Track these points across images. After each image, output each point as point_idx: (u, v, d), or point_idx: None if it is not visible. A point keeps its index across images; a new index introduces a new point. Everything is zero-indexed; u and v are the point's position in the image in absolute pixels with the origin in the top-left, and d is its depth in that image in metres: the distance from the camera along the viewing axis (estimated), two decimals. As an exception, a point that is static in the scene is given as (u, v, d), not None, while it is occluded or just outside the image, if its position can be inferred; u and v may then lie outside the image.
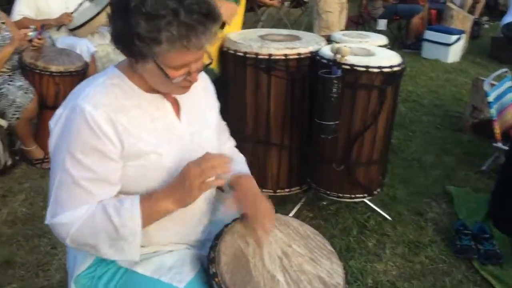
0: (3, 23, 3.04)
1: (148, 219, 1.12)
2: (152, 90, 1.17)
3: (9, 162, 2.96)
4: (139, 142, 1.14)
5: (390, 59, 2.20)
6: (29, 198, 2.72)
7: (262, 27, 5.67)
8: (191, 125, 1.26)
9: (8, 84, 2.86)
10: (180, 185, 1.11)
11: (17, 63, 3.01)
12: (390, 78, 2.16)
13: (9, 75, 2.96)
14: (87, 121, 1.07)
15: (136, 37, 1.01)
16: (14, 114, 2.86)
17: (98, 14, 3.63)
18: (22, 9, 3.44)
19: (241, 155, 1.48)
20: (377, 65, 2.12)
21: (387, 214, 2.59)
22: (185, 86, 1.15)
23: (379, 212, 2.59)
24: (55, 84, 2.94)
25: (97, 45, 3.63)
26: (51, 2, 3.55)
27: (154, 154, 1.16)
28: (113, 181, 1.14)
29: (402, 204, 2.73)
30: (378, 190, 2.47)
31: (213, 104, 1.39)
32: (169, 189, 1.13)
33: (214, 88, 1.41)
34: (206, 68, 1.18)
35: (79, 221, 1.10)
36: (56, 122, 1.13)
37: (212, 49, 2.38)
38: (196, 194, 1.11)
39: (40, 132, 3.10)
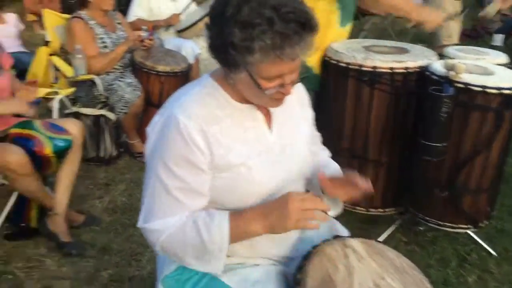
0: (119, 23, 3.27)
1: (236, 237, 1.11)
2: (245, 100, 1.15)
3: (114, 153, 3.17)
4: (229, 153, 1.13)
5: (511, 79, 1.98)
6: (129, 189, 2.88)
7: (365, 37, 5.49)
8: (283, 137, 1.23)
9: (119, 80, 3.06)
10: (275, 213, 1.08)
11: (128, 61, 3.21)
12: (511, 100, 1.94)
13: (120, 72, 3.17)
14: (180, 132, 1.09)
15: (230, 46, 1.00)
16: (122, 109, 3.05)
17: (204, 17, 3.76)
18: (136, 11, 3.68)
19: (337, 165, 1.42)
20: (495, 85, 1.91)
21: (492, 248, 2.34)
22: (278, 98, 1.12)
23: (483, 246, 2.35)
24: (160, 83, 3.09)
25: (201, 47, 3.77)
26: (162, 4, 3.76)
27: (244, 167, 1.14)
28: (203, 191, 1.14)
29: (510, 239, 2.45)
30: (485, 222, 2.24)
31: (307, 116, 1.35)
32: (262, 213, 1.11)
33: (311, 96, 1.37)
34: (306, 76, 1.14)
35: (169, 231, 1.12)
36: (153, 128, 1.16)
37: (314, 57, 2.35)
38: (289, 228, 1.08)
39: (143, 127, 3.23)
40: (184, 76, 3.23)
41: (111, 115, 3.05)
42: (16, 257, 2.24)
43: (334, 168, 1.39)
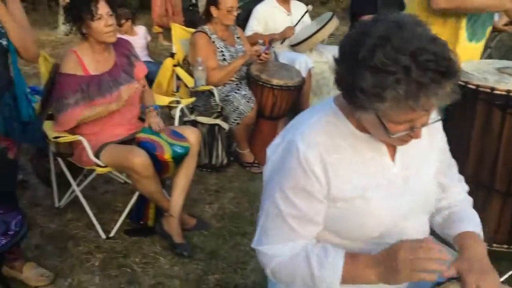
0: (238, 37, 3.41)
1: (348, 280, 1.07)
2: (368, 130, 1.10)
3: (225, 161, 3.28)
4: (347, 185, 1.10)
5: None
6: (237, 197, 2.97)
7: (490, 55, 5.08)
8: (407, 168, 1.16)
9: (235, 92, 3.18)
10: (387, 262, 1.02)
11: (244, 74, 3.32)
12: None
13: (236, 84, 3.30)
14: (300, 162, 1.08)
15: (359, 89, 0.95)
16: (235, 120, 3.17)
17: (317, 31, 3.77)
18: (254, 25, 3.80)
19: (474, 211, 1.29)
20: None
21: None
22: (406, 140, 1.05)
23: None
24: (273, 96, 3.14)
25: (314, 61, 3.78)
26: (278, 19, 3.84)
27: (361, 199, 1.10)
28: (318, 221, 1.13)
29: None
30: None
31: (437, 142, 1.25)
32: (375, 259, 1.05)
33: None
34: None
35: (280, 258, 1.13)
36: (273, 151, 1.16)
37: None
38: (402, 280, 1.01)
39: (253, 139, 3.36)
40: (297, 90, 3.26)
41: (225, 125, 3.17)
42: (134, 252, 2.42)
43: (470, 217, 1.25)
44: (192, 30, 3.40)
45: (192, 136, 2.53)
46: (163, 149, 2.37)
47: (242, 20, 3.78)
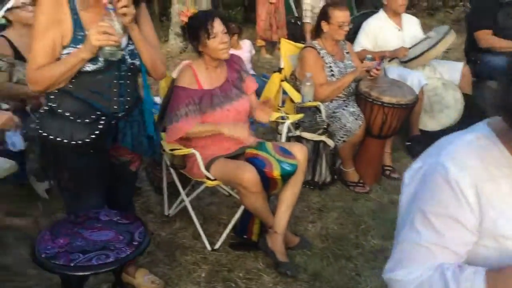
0: (347, 53, 3.32)
1: None
2: None
3: (328, 179, 3.20)
4: (500, 219, 0.98)
5: None
6: (341, 218, 2.87)
7: None
8: None
9: (343, 109, 3.09)
10: None
11: (352, 90, 3.23)
12: None
13: (343, 100, 3.21)
14: (448, 181, 0.99)
15: None
16: (342, 137, 3.08)
17: (432, 47, 3.56)
18: (363, 41, 3.69)
19: None
20: None
21: None
22: None
23: None
24: (383, 114, 3.01)
25: (426, 77, 3.57)
26: (389, 36, 3.68)
27: None
28: (460, 252, 1.02)
29: None
30: None
31: None
32: None
33: None
34: None
35: (414, 283, 1.03)
36: (412, 176, 1.09)
37: None
38: None
39: (359, 157, 3.24)
40: (410, 108, 3.09)
41: (330, 142, 3.10)
42: (238, 267, 2.43)
43: None
44: (301, 45, 3.38)
45: (300, 153, 2.49)
46: (272, 166, 2.36)
47: (351, 35, 3.68)
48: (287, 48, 3.44)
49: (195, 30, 2.38)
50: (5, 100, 2.74)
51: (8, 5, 2.59)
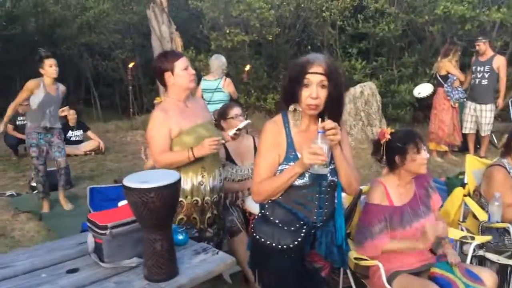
0: None
1: None
2: None
3: None
4: None
5: None
6: None
7: None
8: None
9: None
10: None
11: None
12: None
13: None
14: None
15: None
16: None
17: None
18: None
19: None
20: None
21: None
22: None
23: None
24: None
25: None
26: None
27: None
28: None
29: None
30: None
31: None
32: None
33: None
34: None
35: None
36: None
37: None
38: None
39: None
40: None
41: (521, 267, 2.86)
42: None
43: None
44: (487, 161, 3.30)
45: (490, 279, 2.39)
46: (459, 289, 2.29)
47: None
48: (472, 163, 3.39)
49: (403, 145, 2.49)
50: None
51: (242, 124, 3.06)
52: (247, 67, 7.25)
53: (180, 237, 2.09)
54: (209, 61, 6.12)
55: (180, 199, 2.53)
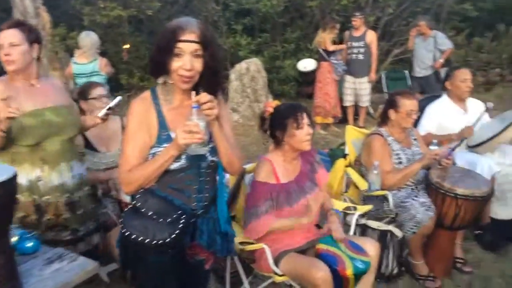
0: (415, 139, 3.26)
1: None
2: None
3: (395, 271, 3.03)
4: None
5: None
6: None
7: None
8: None
9: (413, 199, 2.98)
10: None
11: (421, 178, 3.13)
12: None
13: (412, 189, 3.10)
14: None
15: None
16: (411, 228, 2.94)
17: (502, 131, 3.43)
18: (426, 125, 3.62)
19: None
20: None
21: None
22: None
23: None
24: (456, 207, 2.87)
25: (497, 164, 3.42)
26: (453, 118, 3.60)
27: None
28: None
29: None
30: None
31: None
32: None
33: None
34: None
35: None
36: None
37: None
38: None
39: (429, 249, 3.07)
40: (485, 201, 2.94)
41: (398, 232, 2.96)
42: None
43: None
44: (365, 131, 3.36)
45: (372, 249, 2.40)
46: (345, 264, 2.26)
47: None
48: (351, 133, 3.43)
49: (283, 120, 2.39)
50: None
51: (114, 102, 2.71)
52: (126, 45, 6.72)
53: (29, 244, 1.73)
54: (78, 39, 5.47)
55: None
